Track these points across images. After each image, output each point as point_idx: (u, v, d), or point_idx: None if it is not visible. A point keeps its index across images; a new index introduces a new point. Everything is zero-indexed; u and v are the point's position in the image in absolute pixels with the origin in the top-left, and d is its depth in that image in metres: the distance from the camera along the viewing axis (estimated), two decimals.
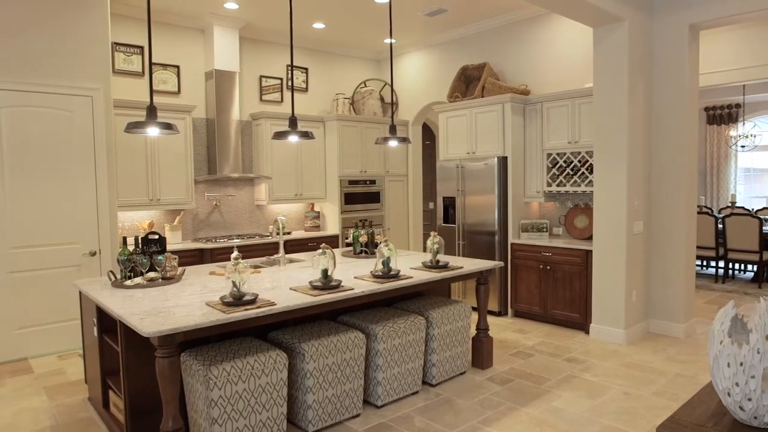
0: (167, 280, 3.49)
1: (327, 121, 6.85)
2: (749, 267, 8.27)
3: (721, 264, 8.14)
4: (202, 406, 2.69)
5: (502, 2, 5.67)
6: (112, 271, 3.58)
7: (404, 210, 7.60)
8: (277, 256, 4.47)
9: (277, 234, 6.34)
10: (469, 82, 6.35)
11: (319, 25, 6.35)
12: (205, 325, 2.54)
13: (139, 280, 3.40)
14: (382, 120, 7.22)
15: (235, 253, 2.88)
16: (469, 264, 4.11)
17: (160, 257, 3.54)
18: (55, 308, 4.64)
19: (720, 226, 7.28)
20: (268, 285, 3.40)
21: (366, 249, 4.60)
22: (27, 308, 4.51)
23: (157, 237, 3.60)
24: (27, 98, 4.45)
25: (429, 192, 9.20)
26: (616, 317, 4.70)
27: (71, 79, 4.65)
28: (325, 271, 3.22)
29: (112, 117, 4.90)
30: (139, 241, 3.57)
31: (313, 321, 3.58)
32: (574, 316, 5.08)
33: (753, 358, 1.34)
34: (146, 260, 3.50)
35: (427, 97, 7.23)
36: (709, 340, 1.46)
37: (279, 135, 3.82)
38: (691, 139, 4.78)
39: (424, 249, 7.89)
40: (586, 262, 4.96)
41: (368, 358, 3.46)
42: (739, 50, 5.81)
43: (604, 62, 4.68)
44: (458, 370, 3.96)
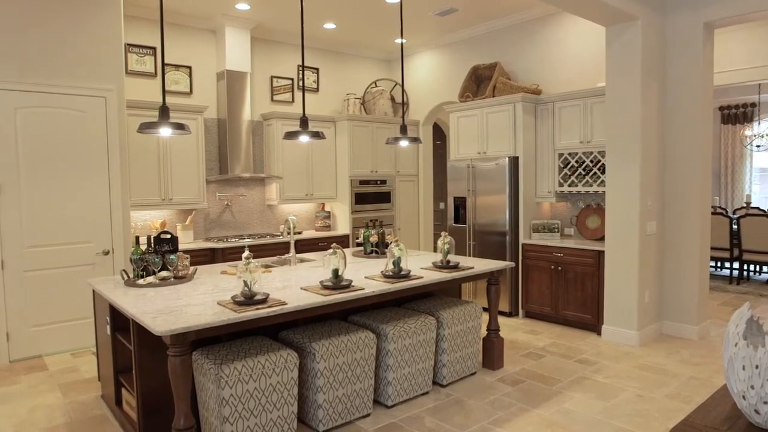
0: (179, 279, 3.52)
1: (338, 121, 6.86)
2: (764, 268, 8.17)
3: (736, 265, 8.04)
4: (214, 405, 2.71)
5: (514, 1, 5.65)
6: (125, 270, 3.61)
7: (415, 210, 7.59)
8: (287, 255, 4.48)
9: (288, 234, 6.37)
10: (480, 82, 6.33)
11: (330, 26, 6.36)
12: (216, 324, 2.56)
13: (151, 279, 3.43)
14: (392, 120, 7.22)
15: (247, 253, 2.90)
16: (480, 264, 4.09)
17: (172, 256, 3.56)
18: (69, 306, 4.70)
19: (734, 226, 7.19)
20: (279, 284, 3.41)
21: (376, 249, 4.61)
22: (42, 306, 4.57)
23: (169, 236, 3.63)
24: (42, 99, 4.50)
25: (439, 192, 9.18)
26: (629, 318, 4.66)
27: (85, 80, 4.70)
28: (335, 271, 3.22)
29: (125, 117, 4.95)
30: (152, 241, 3.60)
31: (324, 321, 3.59)
32: (585, 317, 5.05)
33: None
34: (158, 259, 3.53)
35: (438, 97, 7.22)
36: (724, 343, 1.44)
37: (290, 135, 3.83)
38: (705, 138, 4.73)
39: (435, 249, 7.88)
40: (598, 263, 4.92)
41: (379, 358, 3.46)
42: (755, 49, 5.73)
43: (617, 61, 4.64)
44: (469, 371, 3.95)
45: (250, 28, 6.16)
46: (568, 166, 5.43)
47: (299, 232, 6.64)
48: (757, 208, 8.43)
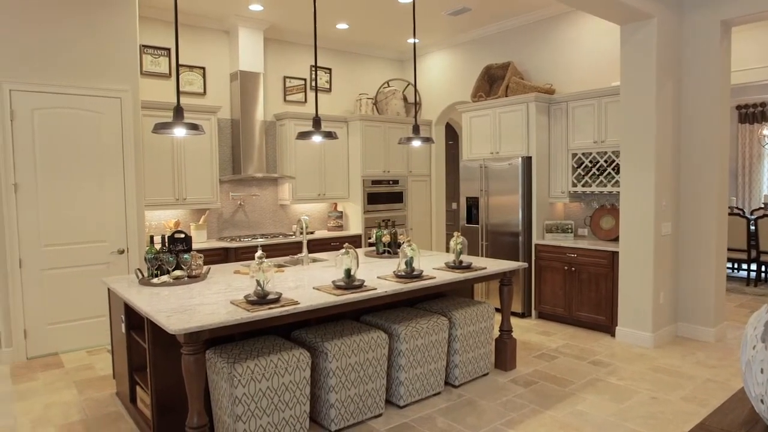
0: (193, 278, 3.55)
1: (350, 121, 6.87)
2: None
3: (753, 267, 7.91)
4: (227, 403, 2.73)
5: (527, 0, 5.61)
6: (139, 269, 3.65)
7: (427, 210, 7.57)
8: (300, 255, 4.50)
9: (301, 233, 6.39)
10: (493, 82, 6.30)
11: (343, 26, 6.37)
12: (229, 324, 2.58)
13: (165, 278, 3.46)
14: (405, 120, 7.22)
15: (260, 252, 2.91)
16: (493, 265, 4.08)
17: (185, 256, 3.59)
18: (85, 305, 4.76)
19: (752, 227, 7.08)
20: (291, 284, 3.43)
21: (389, 249, 4.61)
22: (58, 304, 4.63)
23: (183, 236, 3.66)
24: (58, 100, 4.57)
25: (452, 192, 9.16)
26: (643, 320, 4.61)
27: (101, 81, 4.76)
28: (348, 271, 3.23)
29: (140, 118, 5.00)
30: (166, 240, 3.63)
31: (336, 320, 3.59)
32: (599, 319, 5.01)
33: None
34: (172, 259, 3.56)
35: (451, 97, 7.20)
36: (741, 345, 1.42)
37: (303, 135, 3.84)
38: (722, 138, 4.66)
39: (447, 249, 7.86)
40: (612, 264, 4.87)
41: (391, 358, 3.46)
42: None
43: (632, 60, 4.59)
44: (481, 372, 3.93)
45: (263, 28, 6.19)
46: (582, 166, 5.39)
47: (312, 232, 6.66)
48: None
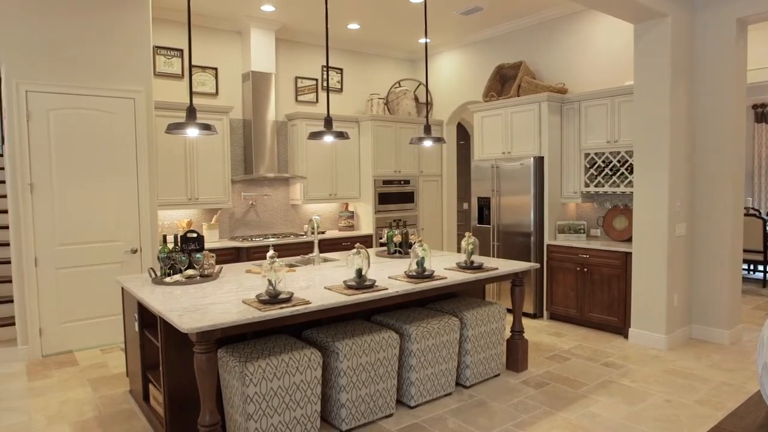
0: (205, 277, 3.57)
1: (361, 121, 6.87)
2: None
3: None
4: (238, 402, 2.74)
5: (539, 0, 5.59)
6: (152, 268, 3.68)
7: (438, 210, 7.56)
8: (311, 255, 4.51)
9: (312, 233, 6.40)
10: (505, 81, 6.27)
11: (354, 26, 6.38)
12: (241, 323, 2.59)
13: (178, 278, 3.48)
14: (416, 120, 7.21)
15: (271, 252, 2.92)
16: (504, 265, 4.06)
17: (198, 255, 3.62)
18: (99, 303, 4.81)
19: None
20: (302, 284, 3.43)
21: (400, 249, 4.60)
22: (73, 303, 4.68)
23: (195, 235, 3.68)
24: (73, 101, 4.62)
25: (463, 192, 9.13)
26: (657, 322, 4.56)
27: (115, 81, 4.81)
28: (359, 271, 3.23)
29: (153, 118, 5.04)
30: (179, 240, 3.66)
31: (347, 320, 3.60)
32: (612, 320, 4.96)
33: None
34: (185, 258, 3.59)
35: (462, 97, 7.18)
36: (758, 348, 1.40)
37: (314, 135, 3.85)
38: (738, 137, 4.60)
39: (458, 250, 7.84)
40: (625, 265, 4.83)
41: (402, 358, 3.46)
42: None
43: (646, 59, 4.55)
44: (492, 373, 3.92)
45: (275, 29, 6.22)
46: (595, 166, 5.34)
47: (323, 232, 6.67)
48: None
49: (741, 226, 4.74)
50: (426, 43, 4.30)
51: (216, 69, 6.10)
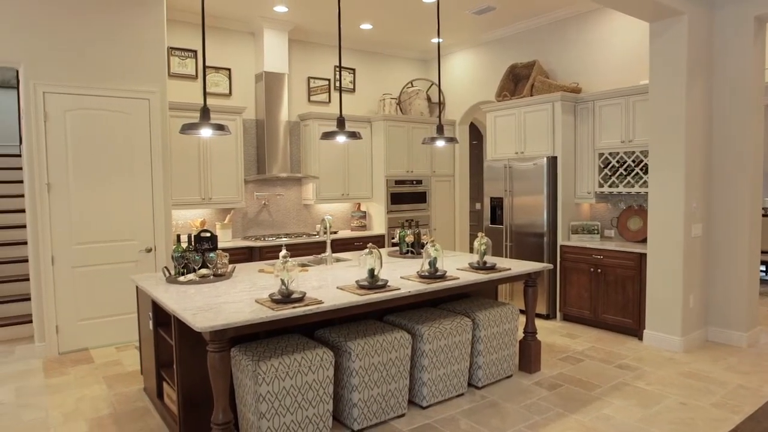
0: (218, 276, 3.59)
1: (374, 121, 6.88)
2: None
3: None
4: (251, 401, 2.75)
5: None
6: (166, 267, 3.71)
7: (451, 210, 7.54)
8: (324, 255, 4.52)
9: (324, 233, 6.42)
10: (518, 81, 6.24)
11: (367, 26, 6.39)
12: (254, 322, 2.60)
13: (191, 277, 3.51)
14: (428, 120, 7.19)
15: (284, 252, 2.94)
16: (517, 266, 4.04)
17: (211, 254, 3.64)
18: (114, 302, 4.86)
19: None
20: (315, 283, 3.44)
21: (412, 249, 4.60)
22: (88, 301, 4.74)
23: (208, 235, 3.71)
24: (89, 101, 4.67)
25: (475, 192, 9.10)
26: (672, 324, 4.51)
27: (130, 82, 4.86)
28: (371, 271, 3.23)
29: (167, 118, 5.09)
30: (192, 239, 3.69)
31: (360, 320, 3.60)
32: (626, 322, 4.91)
33: None
34: (199, 257, 3.61)
35: (475, 97, 7.15)
36: None
37: (327, 135, 3.86)
38: (756, 137, 4.54)
39: (471, 250, 7.81)
40: (640, 266, 4.78)
41: (414, 359, 3.46)
42: None
43: (661, 58, 4.50)
44: (505, 374, 3.90)
45: (288, 29, 6.24)
46: (609, 166, 5.30)
47: (335, 232, 6.69)
48: None
49: (759, 226, 4.67)
50: (438, 43, 4.29)
51: (229, 70, 6.14)
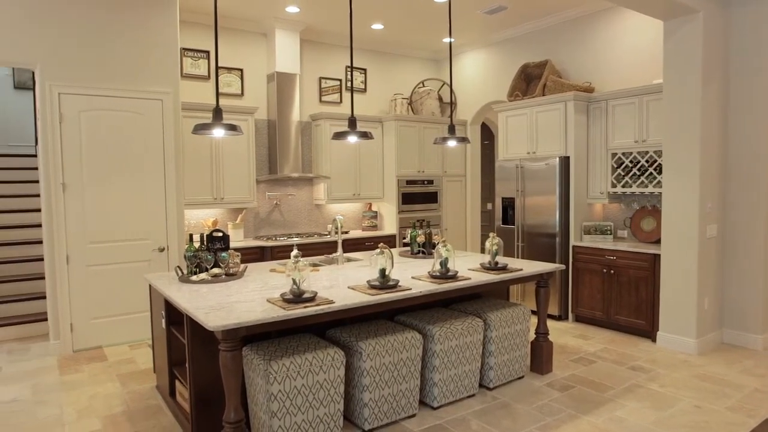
0: (230, 276, 3.61)
1: (385, 121, 6.88)
2: None
3: None
4: (262, 400, 2.76)
5: None
6: (179, 267, 3.74)
7: (462, 210, 7.52)
8: (335, 255, 4.53)
9: (336, 233, 6.43)
10: (530, 81, 6.21)
11: (378, 26, 6.39)
12: (266, 321, 2.61)
13: (204, 276, 3.53)
14: (440, 120, 7.18)
15: (295, 251, 2.94)
16: (529, 266, 4.01)
17: (223, 254, 3.66)
18: (127, 300, 4.90)
19: None
20: (326, 283, 3.45)
21: (423, 249, 4.59)
22: (102, 300, 4.79)
23: (221, 234, 3.73)
24: (103, 102, 4.72)
25: (487, 193, 9.06)
26: (687, 325, 4.46)
27: (144, 83, 4.90)
28: (383, 271, 3.23)
29: (180, 119, 5.12)
30: (205, 239, 3.71)
31: (371, 320, 3.60)
32: (639, 323, 4.87)
33: None
34: (211, 257, 3.63)
35: (486, 97, 7.12)
36: None
37: (339, 135, 3.86)
38: None
39: (482, 250, 7.78)
40: (654, 267, 4.73)
41: (425, 359, 3.45)
42: None
43: (676, 57, 4.45)
44: (516, 375, 3.88)
45: (300, 30, 6.26)
46: (622, 166, 5.25)
47: (346, 232, 6.69)
48: None
49: None
50: (450, 43, 4.27)
51: (241, 70, 6.17)
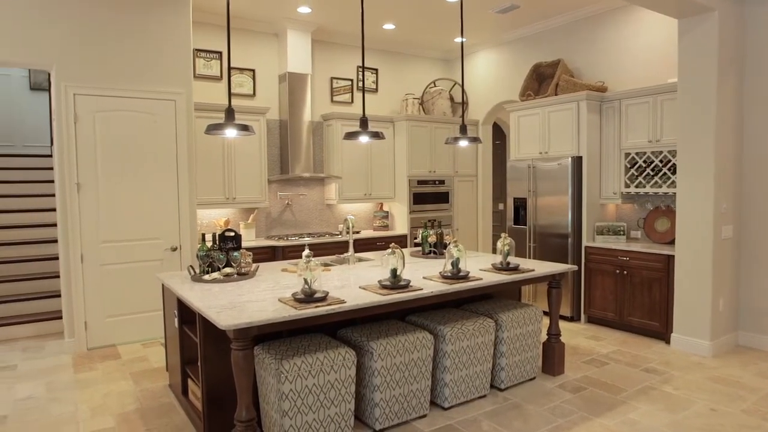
0: (242, 275, 3.63)
1: (396, 121, 6.87)
2: None
3: None
4: (274, 399, 2.78)
5: None
6: (191, 266, 3.76)
7: (473, 211, 7.50)
8: (346, 254, 4.53)
9: (347, 233, 6.44)
10: (542, 80, 6.17)
11: (389, 26, 6.39)
12: (277, 320, 2.62)
13: (216, 275, 3.56)
14: (451, 120, 7.16)
15: (307, 251, 2.95)
16: (541, 267, 3.99)
17: (235, 254, 3.68)
18: (140, 299, 4.95)
19: None
20: (337, 283, 3.46)
21: (435, 249, 4.58)
22: (115, 298, 4.84)
23: (233, 234, 3.75)
24: (117, 103, 4.77)
25: (498, 193, 9.03)
26: (701, 327, 4.41)
27: (157, 84, 4.94)
28: (394, 271, 3.23)
29: (193, 119, 5.16)
30: (217, 238, 3.73)
31: (382, 320, 3.60)
32: (652, 325, 4.82)
33: None
34: (223, 256, 3.65)
35: (498, 96, 7.10)
36: None
37: (350, 135, 3.87)
38: None
39: (494, 251, 7.75)
40: (668, 268, 4.68)
41: (436, 359, 3.44)
42: None
43: (691, 57, 4.40)
44: (527, 376, 3.86)
45: (311, 30, 6.28)
46: (635, 166, 5.20)
47: (357, 232, 6.70)
48: None
49: None
50: (462, 43, 4.26)
51: (253, 70, 6.20)
